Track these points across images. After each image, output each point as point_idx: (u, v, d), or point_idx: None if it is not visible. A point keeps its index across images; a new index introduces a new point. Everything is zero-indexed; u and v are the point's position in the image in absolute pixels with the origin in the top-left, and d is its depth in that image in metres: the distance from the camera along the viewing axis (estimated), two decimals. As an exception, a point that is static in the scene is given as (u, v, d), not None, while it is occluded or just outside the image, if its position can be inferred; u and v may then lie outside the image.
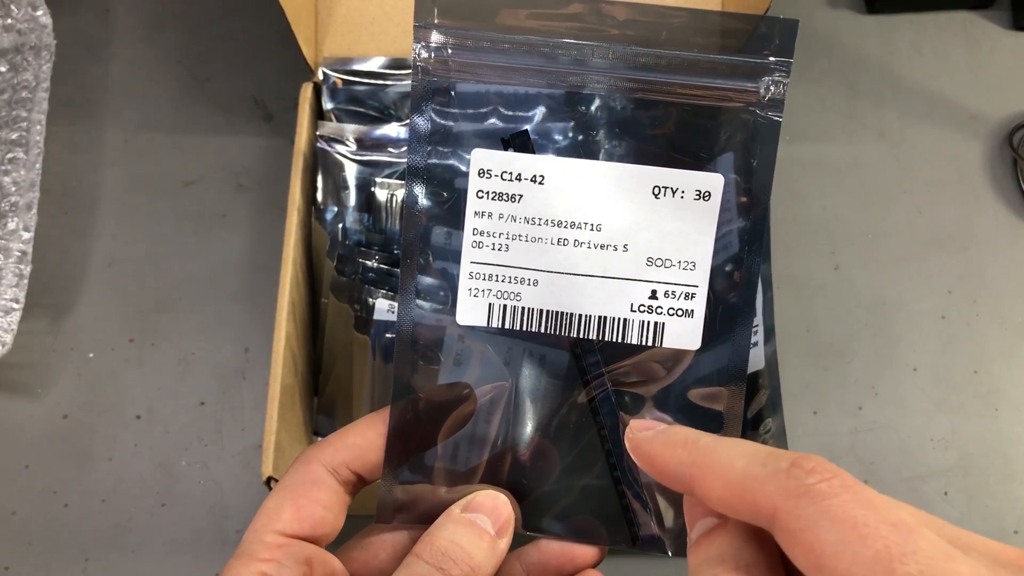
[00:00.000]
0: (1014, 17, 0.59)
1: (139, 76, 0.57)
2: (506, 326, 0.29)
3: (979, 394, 0.51)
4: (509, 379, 0.29)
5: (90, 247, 0.53)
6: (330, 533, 0.28)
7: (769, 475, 0.21)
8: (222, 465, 0.49)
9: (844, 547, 0.19)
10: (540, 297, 0.28)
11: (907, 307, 0.53)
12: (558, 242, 0.28)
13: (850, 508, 0.19)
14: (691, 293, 0.28)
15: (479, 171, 0.28)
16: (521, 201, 0.28)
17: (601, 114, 0.29)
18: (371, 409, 0.46)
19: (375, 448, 0.28)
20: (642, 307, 0.28)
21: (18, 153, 0.53)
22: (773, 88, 0.28)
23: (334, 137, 0.49)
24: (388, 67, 0.51)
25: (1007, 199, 0.55)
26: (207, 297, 0.52)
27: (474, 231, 0.28)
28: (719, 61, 0.28)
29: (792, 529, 0.20)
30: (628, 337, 0.29)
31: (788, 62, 0.28)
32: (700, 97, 0.28)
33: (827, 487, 0.20)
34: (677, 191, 0.28)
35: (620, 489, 0.29)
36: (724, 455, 0.23)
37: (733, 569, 0.22)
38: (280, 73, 0.56)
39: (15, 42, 0.56)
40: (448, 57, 0.28)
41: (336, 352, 0.47)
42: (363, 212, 0.48)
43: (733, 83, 0.28)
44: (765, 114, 0.28)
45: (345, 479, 0.28)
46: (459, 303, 0.29)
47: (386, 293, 0.44)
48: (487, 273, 0.28)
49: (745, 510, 0.21)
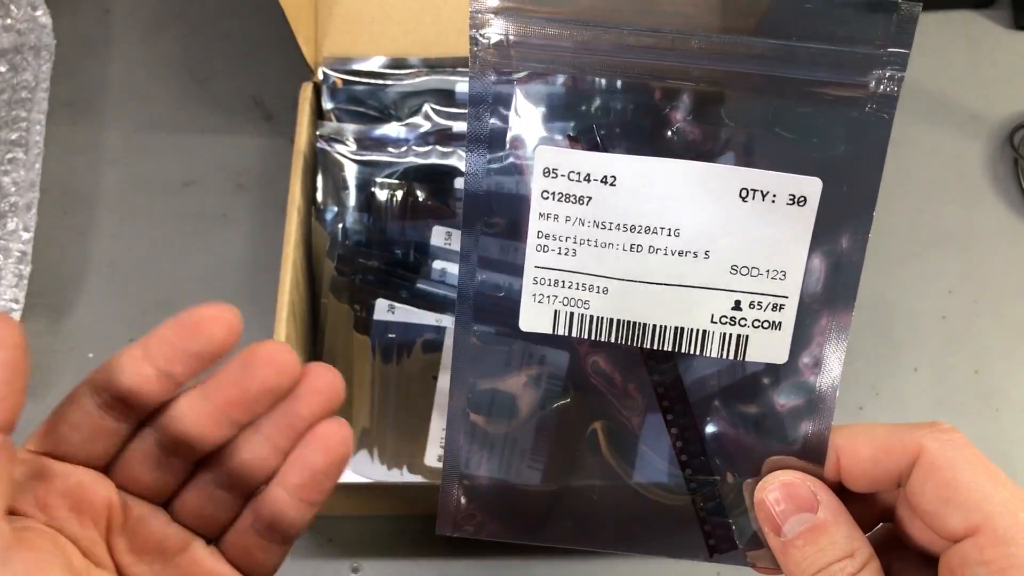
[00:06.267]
0: (1014, 17, 0.59)
1: (139, 76, 0.57)
2: (573, 335, 0.27)
3: (980, 394, 0.51)
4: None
5: (90, 247, 0.53)
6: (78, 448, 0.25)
7: (915, 428, 0.25)
8: (222, 465, 0.49)
9: (979, 486, 0.23)
10: (611, 306, 0.26)
11: (908, 307, 0.53)
12: (631, 248, 0.26)
13: (984, 460, 0.24)
14: (780, 304, 0.26)
15: (544, 170, 0.26)
16: (590, 204, 0.26)
17: (681, 108, 0.26)
18: (371, 409, 0.46)
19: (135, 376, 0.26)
20: (724, 318, 0.26)
21: (18, 153, 0.53)
22: (886, 83, 0.25)
23: (334, 137, 0.49)
24: (388, 67, 0.51)
25: (1008, 199, 0.55)
26: (207, 297, 0.51)
27: (539, 234, 0.26)
28: (823, 51, 0.25)
29: (935, 465, 0.24)
30: (708, 350, 0.27)
31: (904, 54, 0.24)
32: (800, 91, 0.25)
33: (965, 441, 0.24)
34: (768, 194, 0.25)
35: (695, 500, 0.28)
36: (862, 425, 0.26)
37: (859, 552, 0.24)
38: (280, 73, 0.56)
39: (15, 42, 0.56)
40: (510, 45, 0.26)
41: (336, 352, 0.47)
42: (363, 212, 0.48)
43: (839, 76, 0.25)
44: (875, 111, 0.25)
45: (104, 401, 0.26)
46: (522, 308, 0.27)
47: (386, 293, 0.44)
48: (552, 279, 0.27)
49: (891, 460, 0.25)
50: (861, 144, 0.25)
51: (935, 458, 0.24)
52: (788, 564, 0.25)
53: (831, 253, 0.26)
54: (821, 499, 0.25)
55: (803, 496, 0.25)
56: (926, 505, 0.24)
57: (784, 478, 0.26)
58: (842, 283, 0.26)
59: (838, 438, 0.26)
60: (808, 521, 0.25)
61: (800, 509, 0.25)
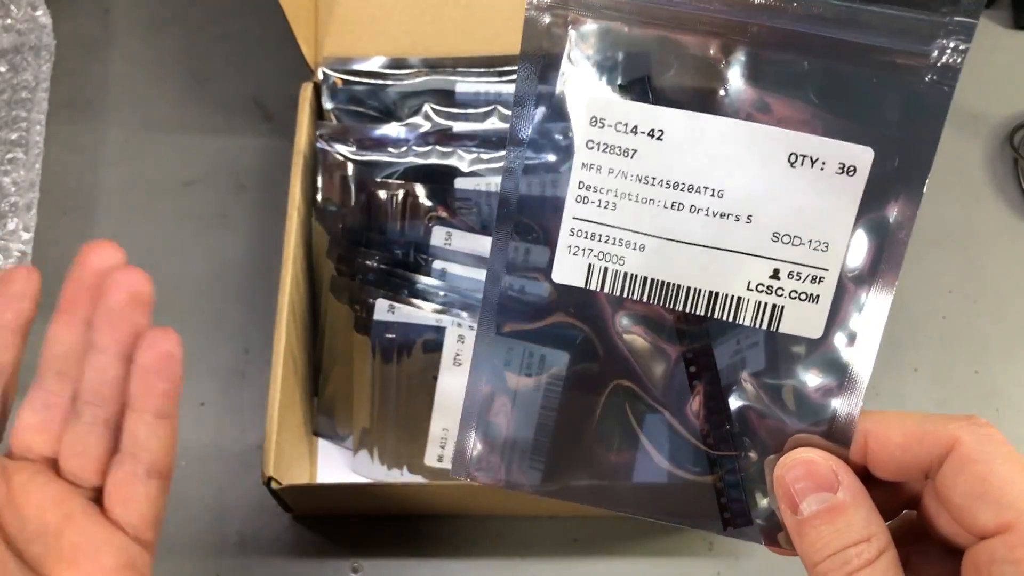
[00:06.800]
0: (1014, 17, 0.59)
1: (139, 76, 0.57)
2: (605, 290, 0.26)
3: (980, 394, 0.51)
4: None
5: (90, 247, 0.53)
6: None
7: (950, 419, 0.24)
8: (222, 465, 0.49)
9: (1015, 483, 0.23)
10: (646, 264, 0.26)
11: (907, 307, 0.53)
12: (672, 206, 0.25)
13: (1020, 458, 0.23)
14: (819, 276, 0.25)
15: (591, 119, 0.25)
16: (635, 156, 0.25)
17: (737, 66, 0.25)
18: (371, 409, 0.46)
19: None
20: (760, 286, 0.26)
21: (18, 153, 0.53)
22: (949, 53, 0.24)
23: (334, 137, 0.49)
24: (388, 67, 0.51)
25: (1008, 199, 0.55)
26: (207, 297, 0.52)
27: (580, 184, 0.26)
28: (885, 16, 0.24)
29: (970, 459, 0.23)
30: (741, 318, 0.26)
31: (972, 24, 0.23)
32: (858, 56, 0.24)
33: (1001, 438, 0.24)
34: (817, 161, 0.25)
35: (719, 477, 0.27)
36: (894, 412, 0.25)
37: (876, 538, 0.24)
38: (280, 73, 0.56)
39: (15, 42, 0.56)
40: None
41: (336, 352, 0.47)
42: (363, 212, 0.48)
43: (901, 43, 0.24)
44: (935, 82, 0.24)
45: None
46: (556, 260, 0.26)
47: (386, 293, 0.44)
48: (590, 232, 0.26)
49: (922, 449, 0.24)
50: (918, 116, 0.25)
51: (971, 451, 0.23)
52: (803, 544, 0.25)
53: (877, 228, 0.25)
54: (842, 480, 0.25)
55: (823, 475, 0.25)
56: (957, 498, 0.23)
57: (806, 455, 0.25)
58: (886, 260, 0.26)
59: (868, 422, 0.25)
60: (827, 500, 0.24)
61: (819, 488, 0.25)
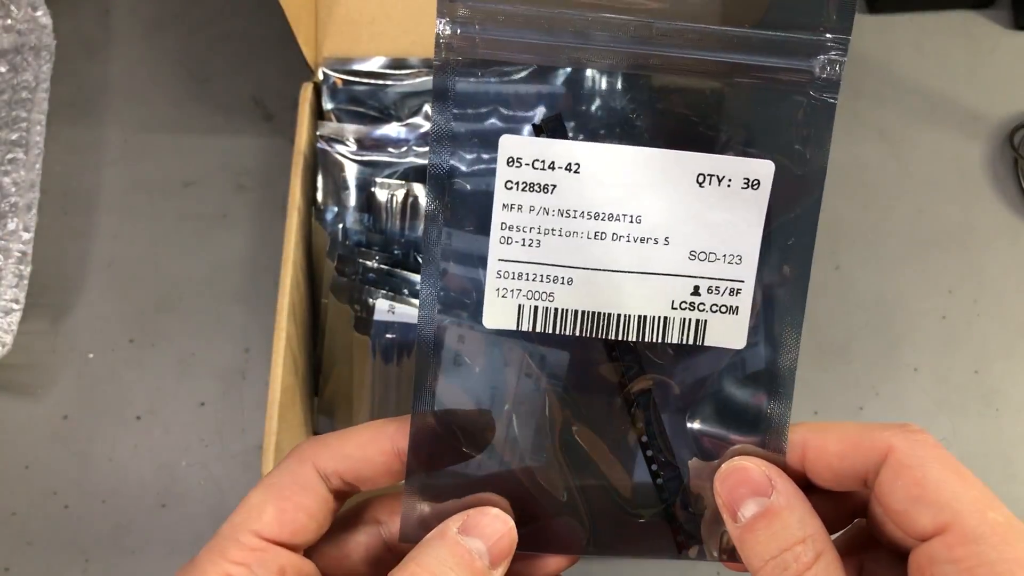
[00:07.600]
0: (1014, 17, 0.59)
1: (139, 76, 0.57)
2: (537, 329, 0.27)
3: (980, 394, 0.51)
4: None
5: (90, 247, 0.53)
6: (311, 540, 0.26)
7: (884, 427, 0.25)
8: (222, 466, 0.49)
9: (948, 485, 0.23)
10: (575, 296, 0.26)
11: (907, 307, 0.53)
12: (595, 236, 0.26)
13: (953, 460, 0.24)
14: (736, 289, 0.26)
15: (508, 159, 0.26)
16: (555, 192, 0.26)
17: (641, 96, 0.27)
18: (371, 409, 0.46)
19: (373, 464, 0.27)
20: (684, 304, 0.26)
21: (18, 153, 0.53)
22: (829, 68, 0.26)
23: (334, 137, 0.49)
24: (388, 67, 0.51)
25: (1007, 199, 0.55)
26: (207, 297, 0.52)
27: (502, 225, 0.26)
28: (772, 38, 0.25)
29: (905, 464, 0.24)
30: (668, 336, 0.27)
31: (846, 40, 0.25)
32: (748, 77, 0.26)
33: (934, 442, 0.24)
34: (723, 179, 0.26)
35: (663, 496, 0.27)
36: (832, 423, 0.26)
37: (812, 540, 0.24)
38: (280, 73, 0.56)
39: (15, 42, 0.56)
40: (475, 34, 0.25)
41: (336, 353, 0.47)
42: (363, 212, 0.48)
43: (784, 62, 0.26)
44: (819, 96, 0.26)
45: (336, 487, 0.27)
46: (486, 305, 0.26)
47: (386, 293, 0.44)
48: (517, 272, 0.26)
49: (858, 457, 0.25)
50: (809, 126, 0.26)
51: (904, 457, 0.24)
52: (745, 551, 0.25)
53: (784, 236, 0.27)
54: (776, 484, 0.25)
55: (757, 481, 0.25)
56: (895, 504, 0.24)
57: (739, 463, 0.26)
58: (795, 264, 0.27)
59: (807, 432, 0.26)
60: (762, 505, 0.25)
61: (755, 494, 0.25)
